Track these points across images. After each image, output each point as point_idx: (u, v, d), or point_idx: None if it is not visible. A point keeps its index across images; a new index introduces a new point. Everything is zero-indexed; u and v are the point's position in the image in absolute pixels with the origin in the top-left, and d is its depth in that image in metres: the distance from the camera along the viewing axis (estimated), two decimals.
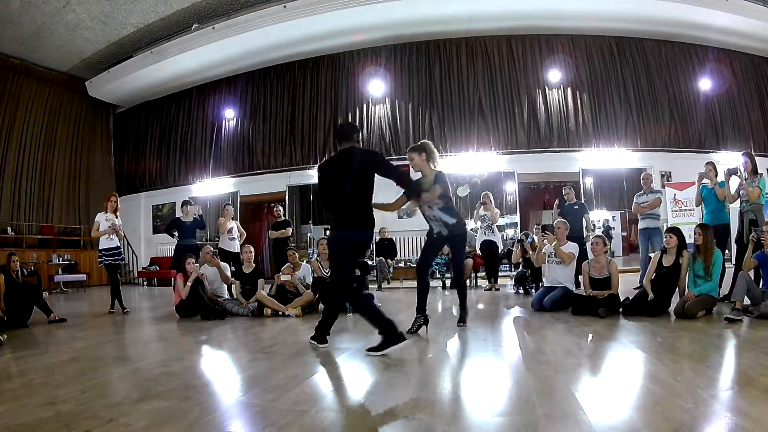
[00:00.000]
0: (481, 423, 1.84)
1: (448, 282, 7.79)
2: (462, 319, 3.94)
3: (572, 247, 5.01)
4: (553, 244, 5.01)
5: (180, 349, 3.74)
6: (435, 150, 3.84)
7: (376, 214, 3.29)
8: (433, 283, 8.40)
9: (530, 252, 6.26)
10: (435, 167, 3.80)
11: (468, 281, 7.85)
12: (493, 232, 7.21)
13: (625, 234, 14.38)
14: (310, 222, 11.57)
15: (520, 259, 6.84)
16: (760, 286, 4.17)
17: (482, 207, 7.20)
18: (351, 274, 3.19)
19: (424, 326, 3.73)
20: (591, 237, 5.19)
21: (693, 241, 4.34)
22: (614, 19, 10.03)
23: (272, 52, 11.00)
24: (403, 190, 3.60)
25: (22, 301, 4.82)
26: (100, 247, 6.00)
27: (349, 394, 2.27)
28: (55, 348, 3.67)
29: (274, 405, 2.06)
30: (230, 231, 6.93)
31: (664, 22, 9.89)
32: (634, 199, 6.52)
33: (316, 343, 3.28)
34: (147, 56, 11.36)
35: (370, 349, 2.97)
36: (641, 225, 6.36)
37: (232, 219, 7.17)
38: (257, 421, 1.90)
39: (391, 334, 2.95)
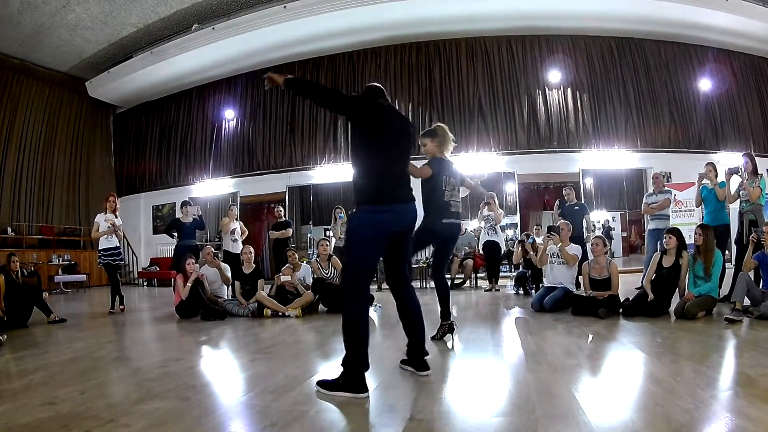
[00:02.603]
0: (481, 423, 1.84)
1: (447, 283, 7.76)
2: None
3: (576, 249, 5.01)
4: (558, 246, 5.01)
5: (180, 349, 3.74)
6: (448, 134, 3.40)
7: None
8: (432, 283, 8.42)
9: (531, 252, 6.26)
10: (446, 155, 3.45)
11: (468, 282, 7.86)
12: (496, 232, 7.22)
13: (625, 234, 14.41)
14: (310, 223, 11.58)
15: (521, 260, 6.84)
16: (760, 287, 4.17)
17: (486, 207, 7.20)
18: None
19: (449, 334, 3.39)
20: (591, 238, 5.19)
21: (693, 242, 4.34)
22: (614, 20, 10.04)
23: (272, 52, 11.00)
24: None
25: (22, 302, 4.83)
26: (99, 248, 6.03)
27: (349, 394, 2.26)
28: (55, 348, 3.66)
29: (275, 405, 2.06)
30: (233, 232, 6.96)
31: (663, 22, 9.89)
32: (644, 199, 6.48)
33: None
34: (147, 56, 11.36)
35: (319, 383, 2.29)
36: (650, 225, 6.31)
37: (236, 220, 7.22)
38: (257, 422, 1.90)
39: (355, 377, 2.22)
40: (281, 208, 8.25)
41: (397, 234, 2.38)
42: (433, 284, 3.70)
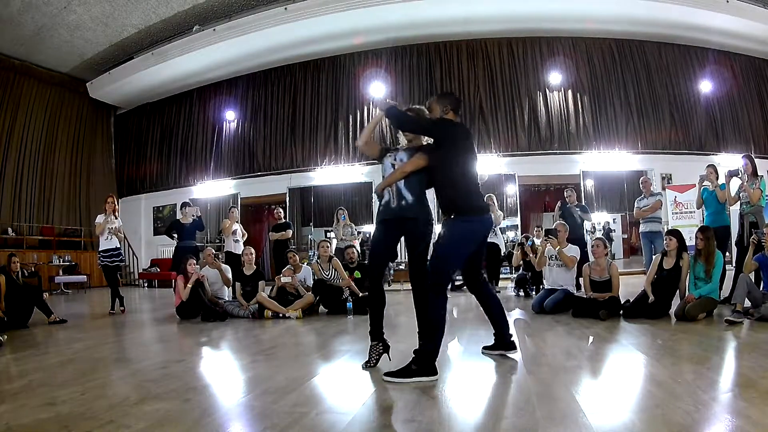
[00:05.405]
0: (481, 425, 1.84)
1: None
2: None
3: (574, 250, 5.01)
4: (556, 249, 5.01)
5: (180, 350, 3.74)
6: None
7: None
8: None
9: (531, 255, 6.26)
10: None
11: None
12: (496, 234, 7.21)
13: (625, 236, 14.39)
14: (311, 224, 11.59)
15: (521, 262, 6.84)
16: (761, 289, 4.17)
17: None
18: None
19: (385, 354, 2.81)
20: (591, 239, 5.18)
21: (694, 245, 4.34)
22: (614, 21, 10.06)
23: (273, 54, 11.02)
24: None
25: (22, 302, 4.83)
26: (99, 249, 6.04)
27: (350, 396, 2.27)
28: (55, 349, 3.66)
29: (275, 407, 2.06)
30: (234, 233, 7.03)
31: (664, 24, 9.90)
32: (635, 203, 6.50)
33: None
34: (148, 58, 11.39)
35: (388, 374, 2.44)
36: (643, 228, 6.33)
37: (236, 222, 7.25)
38: (257, 423, 1.90)
39: (428, 362, 2.45)
40: (281, 210, 8.25)
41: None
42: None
